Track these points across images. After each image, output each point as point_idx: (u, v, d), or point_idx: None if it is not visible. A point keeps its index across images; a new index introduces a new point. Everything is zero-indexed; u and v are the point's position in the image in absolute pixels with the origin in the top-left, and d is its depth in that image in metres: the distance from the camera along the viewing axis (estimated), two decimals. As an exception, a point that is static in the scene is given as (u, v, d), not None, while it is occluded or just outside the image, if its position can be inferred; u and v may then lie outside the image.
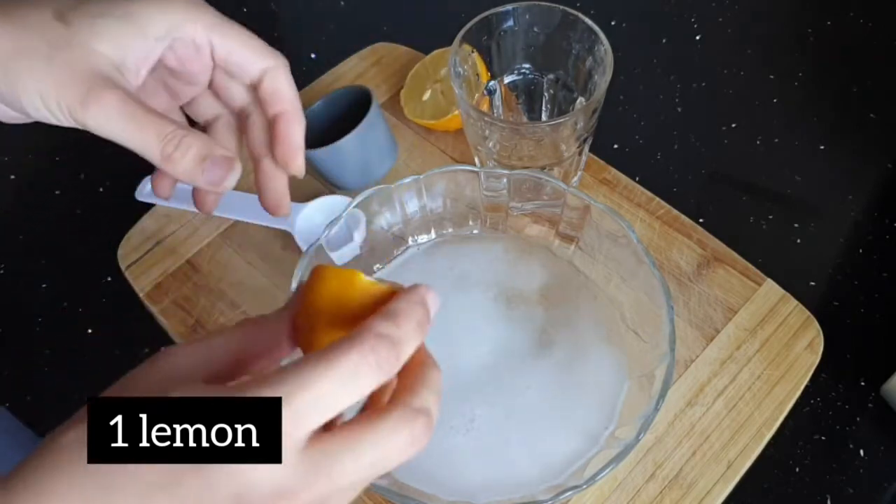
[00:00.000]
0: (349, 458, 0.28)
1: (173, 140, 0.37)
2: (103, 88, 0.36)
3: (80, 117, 0.36)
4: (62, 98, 0.36)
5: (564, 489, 0.45)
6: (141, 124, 0.37)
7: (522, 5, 0.58)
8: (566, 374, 0.53)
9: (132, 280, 0.64)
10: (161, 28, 0.39)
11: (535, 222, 0.59)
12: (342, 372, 0.28)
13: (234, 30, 0.40)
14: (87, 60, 0.37)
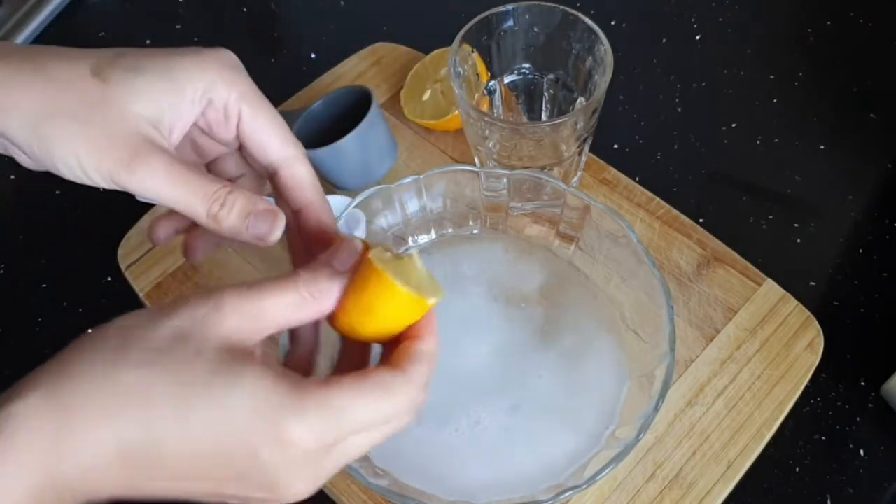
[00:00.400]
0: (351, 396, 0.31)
1: (219, 199, 0.37)
2: (148, 153, 0.36)
3: (124, 182, 0.36)
4: (102, 163, 0.36)
5: (564, 489, 0.45)
6: (187, 186, 0.36)
7: (522, 5, 0.58)
8: (566, 374, 0.53)
9: (132, 280, 0.64)
10: (199, 88, 0.38)
11: (535, 222, 0.59)
12: (372, 413, 0.32)
13: (264, 107, 0.40)
14: (127, 121, 0.36)
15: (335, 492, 0.54)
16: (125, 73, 0.36)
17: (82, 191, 0.75)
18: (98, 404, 0.29)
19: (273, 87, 0.69)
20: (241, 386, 0.30)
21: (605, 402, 0.52)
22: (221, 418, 0.30)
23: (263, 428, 0.30)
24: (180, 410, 0.30)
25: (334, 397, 0.31)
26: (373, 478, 0.46)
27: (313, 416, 0.30)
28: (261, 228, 0.38)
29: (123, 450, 0.29)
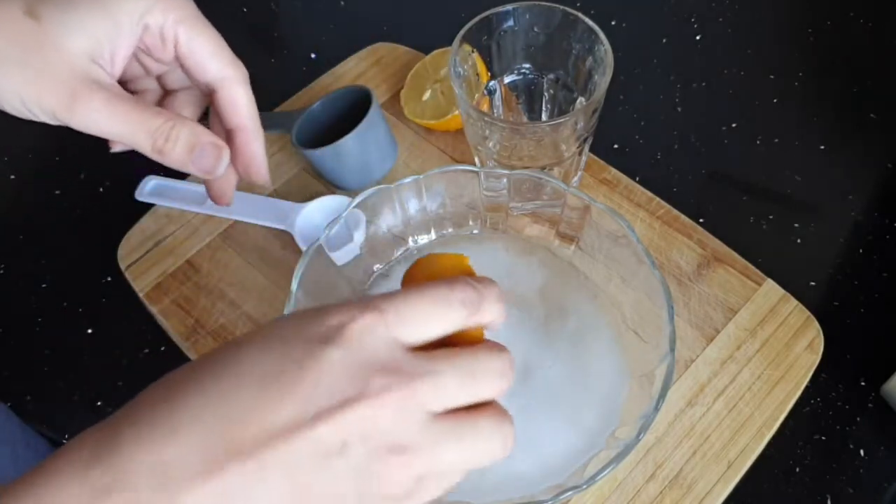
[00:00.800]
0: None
1: (163, 134, 0.37)
2: (88, 91, 0.36)
3: (66, 120, 0.37)
4: (44, 103, 0.36)
5: (565, 489, 0.45)
6: (130, 122, 0.37)
7: (522, 5, 0.58)
8: (566, 375, 0.53)
9: (132, 280, 0.64)
10: (134, 15, 0.38)
11: (535, 222, 0.59)
12: (433, 295, 0.31)
13: (200, 29, 0.40)
14: (64, 60, 0.36)
15: (335, 492, 0.54)
16: (57, 9, 0.36)
17: (82, 191, 0.75)
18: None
19: (273, 87, 0.69)
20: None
21: (605, 402, 0.52)
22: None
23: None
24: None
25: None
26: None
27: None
28: (205, 162, 0.39)
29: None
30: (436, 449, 0.29)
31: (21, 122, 0.80)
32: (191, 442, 0.27)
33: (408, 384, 0.28)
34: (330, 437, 0.27)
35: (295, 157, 0.68)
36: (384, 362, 0.29)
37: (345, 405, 0.27)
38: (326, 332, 0.29)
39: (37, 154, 0.78)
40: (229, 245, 0.65)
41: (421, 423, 0.29)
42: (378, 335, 0.29)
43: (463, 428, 0.30)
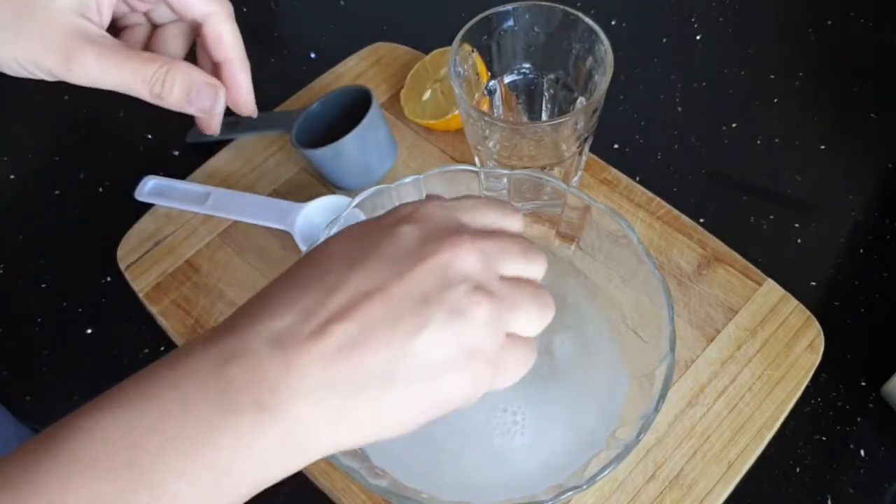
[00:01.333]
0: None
1: (158, 80, 0.39)
2: (81, 48, 0.38)
3: (64, 78, 0.38)
4: (40, 63, 0.38)
5: (565, 489, 0.45)
6: (124, 71, 0.39)
7: (523, 5, 0.58)
8: (566, 375, 0.53)
9: (131, 280, 0.64)
10: None
11: (536, 222, 0.59)
12: (485, 200, 0.36)
13: None
14: (54, 21, 0.38)
15: (335, 492, 0.54)
16: None
17: (82, 191, 0.75)
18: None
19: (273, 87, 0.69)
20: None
21: (605, 403, 0.52)
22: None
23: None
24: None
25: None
26: (372, 478, 0.46)
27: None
28: (203, 103, 0.41)
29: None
30: (513, 302, 0.32)
31: (20, 123, 0.80)
32: (297, 313, 0.30)
33: (481, 243, 0.32)
34: (422, 283, 0.30)
35: (295, 157, 0.68)
36: (456, 227, 0.33)
37: (431, 255, 0.31)
38: (398, 217, 0.33)
39: (36, 154, 0.78)
40: (229, 245, 0.65)
41: (497, 277, 0.32)
42: (444, 213, 0.33)
43: (525, 289, 0.33)
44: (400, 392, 0.29)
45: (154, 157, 0.73)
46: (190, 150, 0.74)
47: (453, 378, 0.30)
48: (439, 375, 0.30)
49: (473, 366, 0.30)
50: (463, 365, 0.30)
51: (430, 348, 0.30)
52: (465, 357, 0.30)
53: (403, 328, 0.29)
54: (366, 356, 0.29)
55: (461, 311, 0.30)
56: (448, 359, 0.30)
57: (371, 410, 0.29)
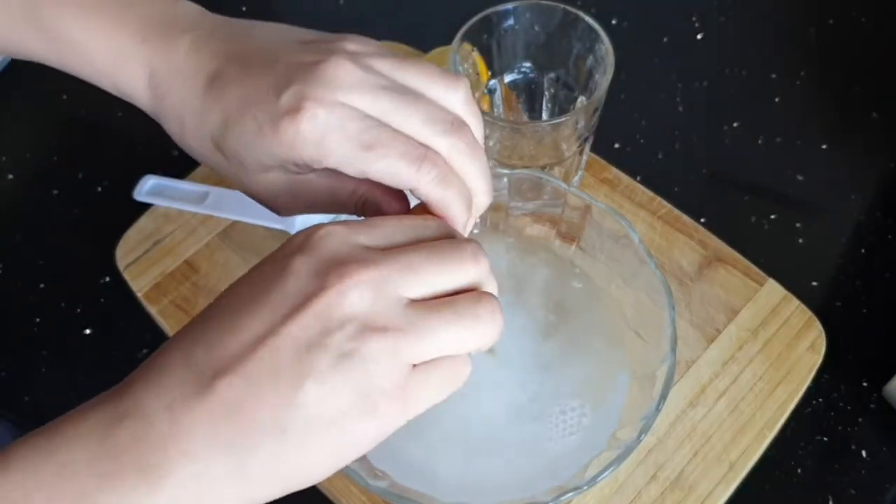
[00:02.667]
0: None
1: (358, 206, 0.38)
2: (289, 203, 0.38)
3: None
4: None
5: (565, 490, 0.45)
6: (329, 208, 0.38)
7: (523, 4, 0.58)
8: (566, 375, 0.53)
9: (130, 280, 0.64)
10: (297, 162, 0.36)
11: (536, 222, 0.59)
12: (399, 217, 0.33)
13: (371, 158, 0.34)
14: (268, 186, 0.37)
15: (334, 492, 0.54)
16: (236, 152, 0.36)
17: (81, 190, 0.75)
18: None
19: (272, 86, 0.68)
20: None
21: (605, 403, 0.52)
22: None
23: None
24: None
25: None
26: (372, 479, 0.45)
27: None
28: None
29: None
30: (418, 331, 0.29)
31: (19, 122, 0.80)
32: (185, 368, 0.28)
33: (375, 268, 0.29)
34: (305, 330, 0.28)
35: (294, 157, 0.68)
36: (347, 256, 0.29)
37: (311, 297, 0.28)
38: (292, 246, 0.30)
39: (35, 154, 0.78)
40: (228, 245, 0.64)
41: (397, 305, 0.29)
42: (341, 239, 0.30)
43: (441, 309, 0.30)
44: (297, 446, 0.28)
45: (153, 157, 0.73)
46: (189, 150, 0.73)
47: (353, 424, 0.28)
48: (336, 423, 0.28)
49: (375, 407, 0.28)
50: (362, 409, 0.28)
51: (319, 398, 0.28)
52: (361, 400, 0.28)
53: (287, 379, 0.27)
54: (254, 412, 0.27)
55: (348, 355, 0.28)
56: (342, 405, 0.28)
57: (270, 466, 0.28)
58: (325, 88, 0.33)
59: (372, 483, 0.45)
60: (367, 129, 0.33)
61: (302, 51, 0.36)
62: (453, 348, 0.30)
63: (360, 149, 0.33)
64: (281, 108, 0.33)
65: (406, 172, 0.33)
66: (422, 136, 0.34)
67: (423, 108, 0.34)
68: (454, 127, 0.34)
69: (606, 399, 0.52)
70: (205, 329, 0.29)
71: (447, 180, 0.34)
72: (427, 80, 0.35)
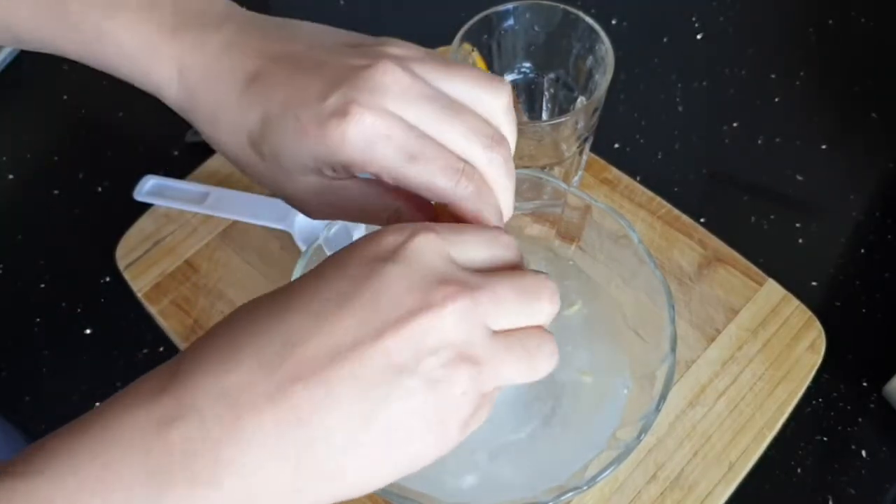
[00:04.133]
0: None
1: (389, 218, 0.37)
2: (319, 207, 0.37)
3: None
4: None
5: (565, 490, 0.45)
6: (357, 216, 0.37)
7: (523, 4, 0.58)
8: (566, 375, 0.53)
9: (130, 280, 0.64)
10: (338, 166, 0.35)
11: (536, 222, 0.59)
12: (481, 230, 0.32)
13: (413, 171, 0.34)
14: (302, 189, 0.37)
15: (335, 493, 0.54)
16: (274, 153, 0.35)
17: (81, 190, 0.75)
18: None
19: (272, 87, 0.68)
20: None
21: (605, 403, 0.52)
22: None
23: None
24: None
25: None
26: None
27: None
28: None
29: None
30: (498, 364, 0.29)
31: (19, 123, 0.80)
32: (253, 368, 0.26)
33: (470, 295, 0.28)
34: (399, 349, 0.27)
35: (294, 157, 0.68)
36: (444, 274, 0.29)
37: (410, 316, 0.27)
38: (383, 250, 0.29)
39: (35, 154, 0.78)
40: (228, 245, 0.64)
41: (485, 335, 0.29)
42: (435, 251, 0.29)
43: (515, 346, 0.30)
44: (365, 463, 0.27)
45: (153, 157, 0.73)
46: (189, 150, 0.73)
47: (422, 445, 0.28)
48: (408, 443, 0.28)
49: (444, 432, 0.28)
50: (434, 432, 0.28)
51: (401, 419, 0.27)
52: (436, 425, 0.28)
53: (374, 395, 0.27)
54: (329, 424, 0.26)
55: (438, 382, 0.27)
56: (420, 428, 0.28)
57: (330, 483, 0.27)
58: (372, 94, 0.33)
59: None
60: (411, 140, 0.33)
61: (348, 54, 0.35)
62: (513, 380, 0.30)
63: (404, 159, 0.33)
64: (327, 109, 0.33)
65: (444, 186, 0.33)
66: (461, 147, 0.33)
67: (465, 120, 0.34)
68: (494, 141, 0.34)
69: (606, 399, 0.52)
70: (283, 321, 0.28)
71: (482, 195, 0.34)
72: (471, 87, 0.35)
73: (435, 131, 0.33)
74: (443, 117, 0.33)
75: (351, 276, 0.29)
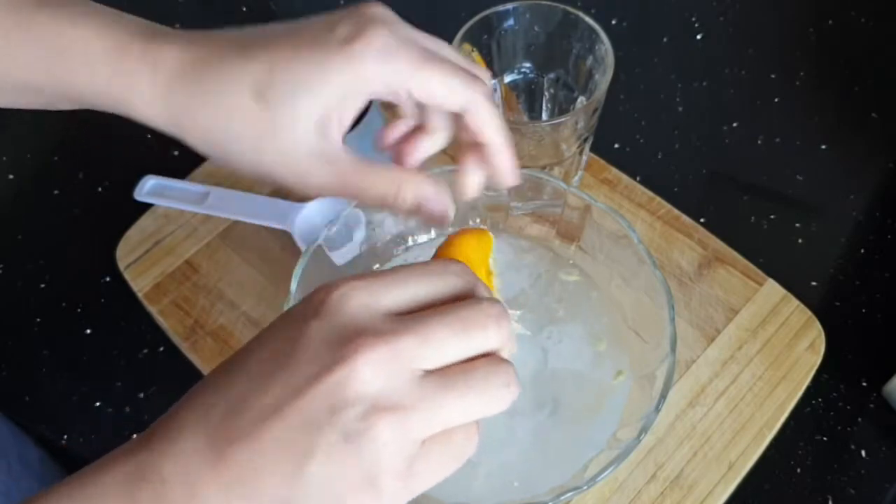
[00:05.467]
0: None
1: (389, 195, 0.39)
2: (317, 168, 0.38)
3: (302, 191, 0.39)
4: (278, 179, 0.38)
5: (565, 490, 0.45)
6: (357, 189, 0.39)
7: (523, 4, 0.58)
8: (567, 375, 0.53)
9: (131, 280, 0.64)
10: (358, 89, 0.37)
11: (536, 222, 0.59)
12: (422, 268, 0.32)
13: (431, 70, 0.38)
14: (296, 144, 0.37)
15: (335, 493, 0.54)
16: (286, 94, 0.36)
17: (81, 190, 0.75)
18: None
19: (272, 87, 0.68)
20: None
21: (605, 403, 0.52)
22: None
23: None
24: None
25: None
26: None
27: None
28: (431, 213, 0.41)
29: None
30: (430, 407, 0.28)
31: (19, 123, 0.80)
32: (199, 434, 0.28)
33: (389, 341, 0.28)
34: (314, 405, 0.27)
35: (294, 157, 0.68)
36: (361, 325, 0.28)
37: (326, 372, 0.27)
38: (312, 307, 0.29)
39: (35, 154, 0.78)
40: (228, 245, 0.64)
41: (411, 380, 0.28)
42: (358, 302, 0.29)
43: (457, 380, 0.29)
44: None
45: (154, 157, 0.73)
46: (190, 150, 0.73)
47: (356, 500, 0.28)
48: (340, 501, 0.28)
49: (379, 486, 0.28)
50: (366, 488, 0.28)
51: (324, 477, 0.27)
52: (366, 480, 0.27)
53: (295, 454, 0.27)
54: (262, 484, 0.27)
55: (356, 434, 0.27)
56: (347, 485, 0.27)
57: None
58: (373, 21, 0.37)
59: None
60: (424, 49, 0.37)
61: (331, 14, 0.38)
62: (460, 420, 0.29)
63: (423, 60, 0.36)
64: (340, 35, 0.36)
65: (461, 85, 0.37)
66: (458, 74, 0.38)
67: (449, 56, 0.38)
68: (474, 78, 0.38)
69: (606, 399, 0.52)
70: (224, 390, 0.29)
71: (493, 100, 0.38)
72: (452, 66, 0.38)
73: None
74: (439, 46, 0.39)
75: (284, 335, 0.29)
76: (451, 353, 0.29)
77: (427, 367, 0.29)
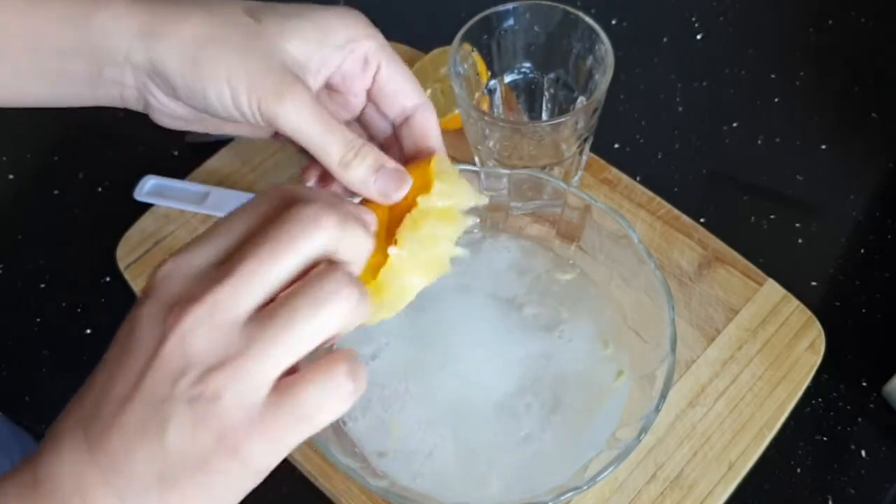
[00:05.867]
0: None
1: (353, 148, 0.38)
2: (298, 87, 0.38)
3: (273, 111, 0.37)
4: (255, 89, 0.37)
5: (566, 490, 0.45)
6: (328, 126, 0.38)
7: (523, 4, 0.58)
8: (567, 375, 0.53)
9: (131, 280, 0.64)
10: (342, 38, 0.40)
11: (536, 222, 0.59)
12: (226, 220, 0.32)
13: (397, 59, 0.42)
14: (279, 56, 0.38)
15: (334, 492, 0.54)
16: (276, 16, 0.39)
17: (81, 190, 0.75)
18: None
19: (272, 87, 0.68)
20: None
21: (605, 403, 0.52)
22: None
23: None
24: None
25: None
26: (372, 479, 0.46)
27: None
28: (387, 185, 0.39)
29: None
30: (261, 346, 0.28)
31: (19, 123, 0.79)
32: (77, 433, 0.29)
33: (203, 299, 0.28)
34: (157, 381, 0.28)
35: (295, 157, 0.68)
36: (176, 294, 0.29)
37: (158, 348, 0.28)
38: (143, 292, 0.30)
39: (35, 154, 0.78)
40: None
41: (232, 330, 0.28)
42: (173, 271, 0.30)
43: (279, 310, 0.28)
44: (177, 492, 0.28)
45: (154, 157, 0.73)
46: (190, 150, 0.73)
47: (220, 462, 0.28)
48: (204, 467, 0.28)
49: (235, 442, 0.28)
50: (224, 447, 0.28)
51: (181, 445, 0.28)
52: (220, 440, 0.28)
53: (153, 431, 0.28)
54: (134, 465, 0.28)
55: (198, 398, 0.28)
56: (205, 449, 0.28)
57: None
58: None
59: (372, 483, 0.45)
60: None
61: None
62: (303, 347, 0.29)
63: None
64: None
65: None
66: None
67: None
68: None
69: (606, 398, 0.52)
70: (90, 388, 0.30)
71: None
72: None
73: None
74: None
75: (127, 326, 0.30)
76: (268, 283, 0.29)
77: (248, 309, 0.29)
